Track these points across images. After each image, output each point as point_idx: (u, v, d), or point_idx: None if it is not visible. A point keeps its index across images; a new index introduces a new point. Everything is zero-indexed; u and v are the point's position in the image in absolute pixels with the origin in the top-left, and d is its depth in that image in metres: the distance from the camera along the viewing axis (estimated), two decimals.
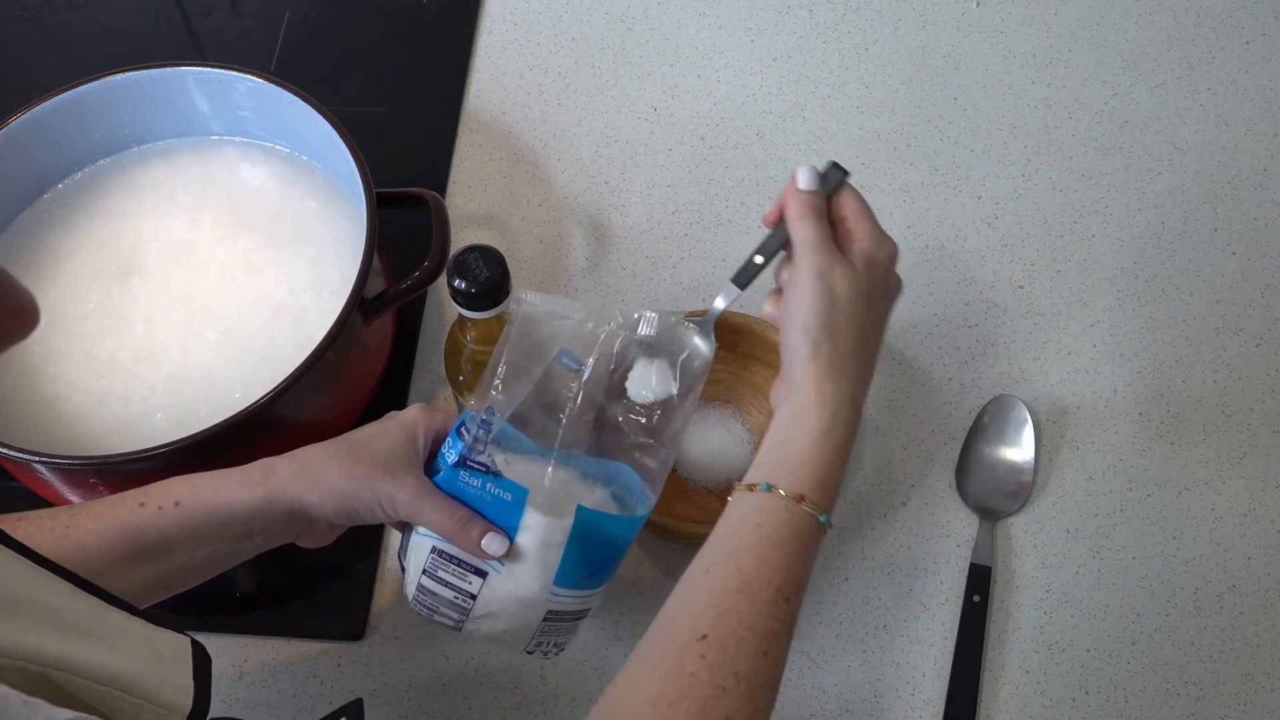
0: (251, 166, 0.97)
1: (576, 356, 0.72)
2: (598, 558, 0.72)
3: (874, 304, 0.71)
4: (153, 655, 0.55)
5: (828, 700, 0.82)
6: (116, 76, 0.93)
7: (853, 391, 0.69)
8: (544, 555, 0.70)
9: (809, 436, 0.68)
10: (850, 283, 0.70)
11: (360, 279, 0.83)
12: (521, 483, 0.69)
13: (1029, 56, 1.09)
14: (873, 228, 0.73)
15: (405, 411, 0.74)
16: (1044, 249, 1.00)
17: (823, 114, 1.07)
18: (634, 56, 1.11)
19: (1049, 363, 0.94)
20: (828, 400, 0.68)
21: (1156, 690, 0.82)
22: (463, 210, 1.03)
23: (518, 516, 0.69)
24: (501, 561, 0.70)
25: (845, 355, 0.69)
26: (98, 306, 0.90)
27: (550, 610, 0.72)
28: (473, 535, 0.69)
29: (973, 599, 0.84)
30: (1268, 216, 1.00)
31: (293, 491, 0.69)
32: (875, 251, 0.72)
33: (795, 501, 0.66)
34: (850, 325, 0.70)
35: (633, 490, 0.73)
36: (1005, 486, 0.89)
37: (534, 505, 0.69)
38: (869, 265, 0.72)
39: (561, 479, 0.71)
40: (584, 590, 0.73)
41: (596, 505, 0.71)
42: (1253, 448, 0.90)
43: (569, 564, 0.70)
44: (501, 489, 0.70)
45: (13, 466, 0.86)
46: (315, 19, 1.15)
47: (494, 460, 0.70)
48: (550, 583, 0.70)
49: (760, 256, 0.76)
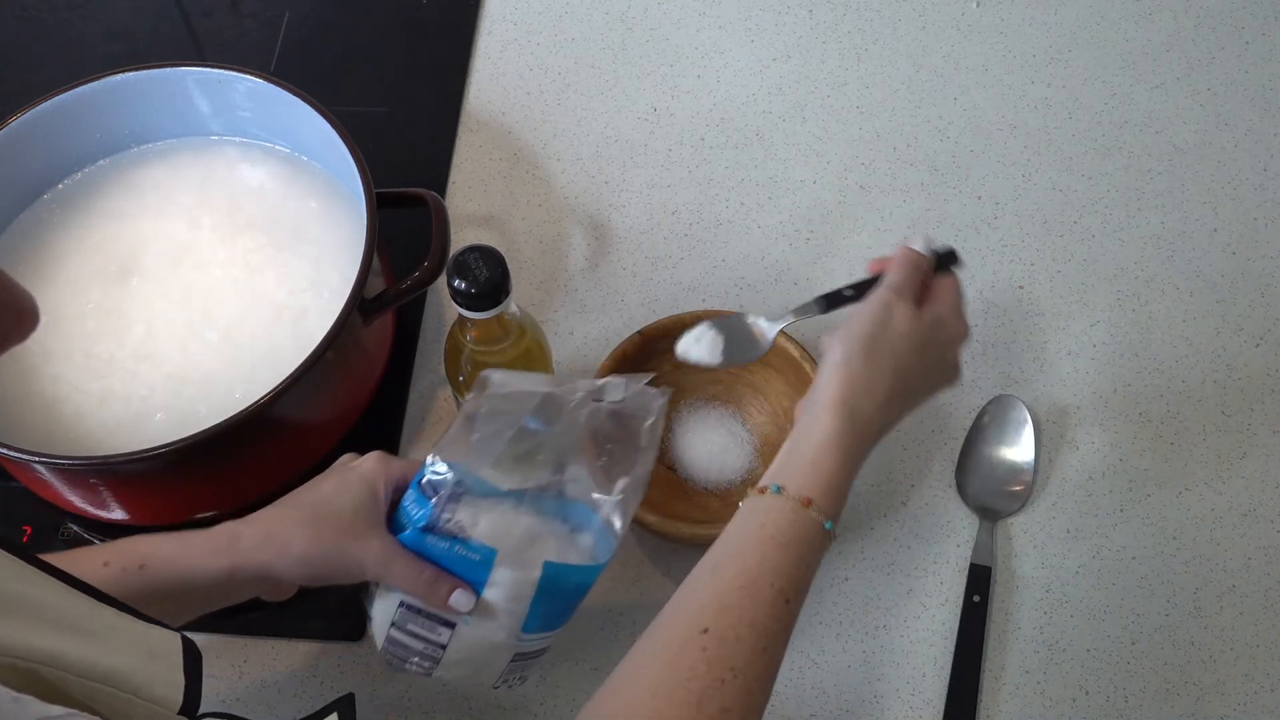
0: (251, 166, 0.97)
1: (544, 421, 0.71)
2: (563, 604, 0.73)
3: (923, 358, 0.72)
4: (144, 652, 0.55)
5: (828, 700, 0.82)
6: (116, 76, 0.93)
7: (872, 414, 0.69)
8: (512, 607, 0.70)
9: (821, 439, 0.68)
10: (908, 323, 0.71)
11: (360, 279, 0.83)
12: (489, 543, 0.69)
13: (1029, 56, 1.09)
14: (956, 303, 0.75)
15: (363, 462, 0.73)
16: (1044, 249, 1.00)
17: (823, 114, 1.07)
18: (634, 56, 1.11)
19: (1049, 363, 0.94)
20: (845, 409, 0.69)
21: (1156, 690, 0.82)
22: (463, 210, 1.03)
23: (485, 574, 0.70)
24: (470, 614, 0.70)
25: (875, 379, 0.70)
26: (98, 307, 0.90)
27: (518, 652, 0.73)
28: (441, 594, 0.69)
29: (973, 599, 0.84)
30: (1268, 216, 1.00)
31: (259, 559, 0.69)
32: (947, 319, 0.74)
33: (802, 505, 0.66)
34: (891, 358, 0.70)
35: (596, 533, 0.73)
36: (1005, 486, 0.89)
37: (502, 564, 0.69)
38: (935, 324, 0.73)
39: (528, 529, 0.70)
40: (550, 632, 0.74)
41: (563, 554, 0.71)
42: (1253, 448, 0.90)
43: (536, 613, 0.71)
44: (470, 551, 0.69)
45: (13, 467, 0.86)
46: (315, 19, 1.15)
47: (461, 523, 0.69)
48: (518, 630, 0.71)
49: (852, 290, 0.77)
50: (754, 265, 1.00)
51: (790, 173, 1.04)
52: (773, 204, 1.03)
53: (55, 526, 0.90)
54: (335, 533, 0.69)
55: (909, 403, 0.72)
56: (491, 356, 0.80)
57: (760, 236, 1.01)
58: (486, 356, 0.80)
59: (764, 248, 1.00)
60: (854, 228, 1.01)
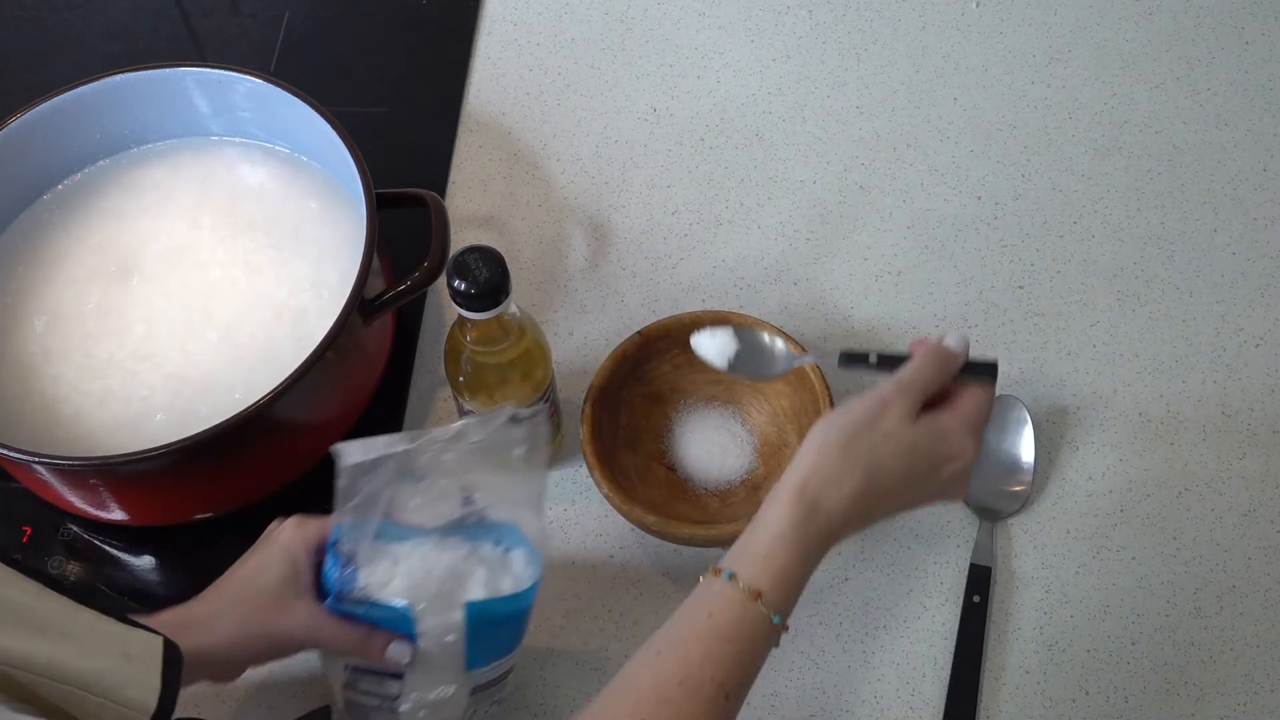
0: (251, 167, 0.97)
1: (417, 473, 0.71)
2: (504, 632, 0.73)
3: (909, 464, 0.68)
4: (120, 654, 0.55)
5: (828, 700, 0.82)
6: (116, 76, 0.93)
7: (834, 510, 0.67)
8: (449, 649, 0.70)
9: (777, 529, 0.66)
10: (899, 425, 0.68)
11: (360, 279, 0.83)
12: (404, 597, 0.69)
13: (1029, 56, 1.09)
14: (973, 419, 0.70)
15: (280, 532, 0.73)
16: (1044, 249, 1.00)
17: (823, 114, 1.07)
18: (634, 56, 1.11)
19: (1049, 363, 0.94)
20: (806, 499, 0.67)
21: (1156, 690, 0.82)
22: (463, 210, 1.03)
23: (410, 626, 0.70)
24: (413, 663, 0.70)
25: (845, 473, 0.67)
26: (97, 307, 0.90)
27: (475, 686, 0.73)
28: (375, 651, 0.70)
29: (973, 599, 0.84)
30: (1268, 216, 1.00)
31: (191, 647, 0.67)
32: (952, 433, 0.69)
33: (751, 597, 0.65)
34: (868, 455, 0.68)
35: (528, 550, 0.73)
36: (1005, 486, 0.89)
37: (421, 615, 0.69)
38: (934, 434, 0.69)
39: (451, 566, 0.70)
40: (503, 659, 0.74)
41: (493, 584, 0.71)
42: (1253, 448, 0.90)
43: (475, 649, 0.71)
44: (385, 611, 0.70)
45: (13, 467, 0.86)
46: (315, 19, 1.15)
47: (369, 586, 0.69)
48: (465, 668, 0.71)
49: (877, 359, 0.75)
50: (754, 265, 1.00)
51: (790, 173, 1.04)
52: (773, 204, 1.03)
53: (55, 527, 0.90)
54: (260, 611, 0.69)
55: (884, 505, 0.69)
56: (491, 356, 0.80)
57: (760, 236, 1.01)
58: (486, 357, 0.80)
59: (764, 248, 1.00)
60: (854, 228, 1.01)
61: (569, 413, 0.92)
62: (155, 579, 0.90)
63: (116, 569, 0.90)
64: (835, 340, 0.95)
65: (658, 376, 0.91)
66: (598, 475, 0.84)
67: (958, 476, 0.70)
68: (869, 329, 0.96)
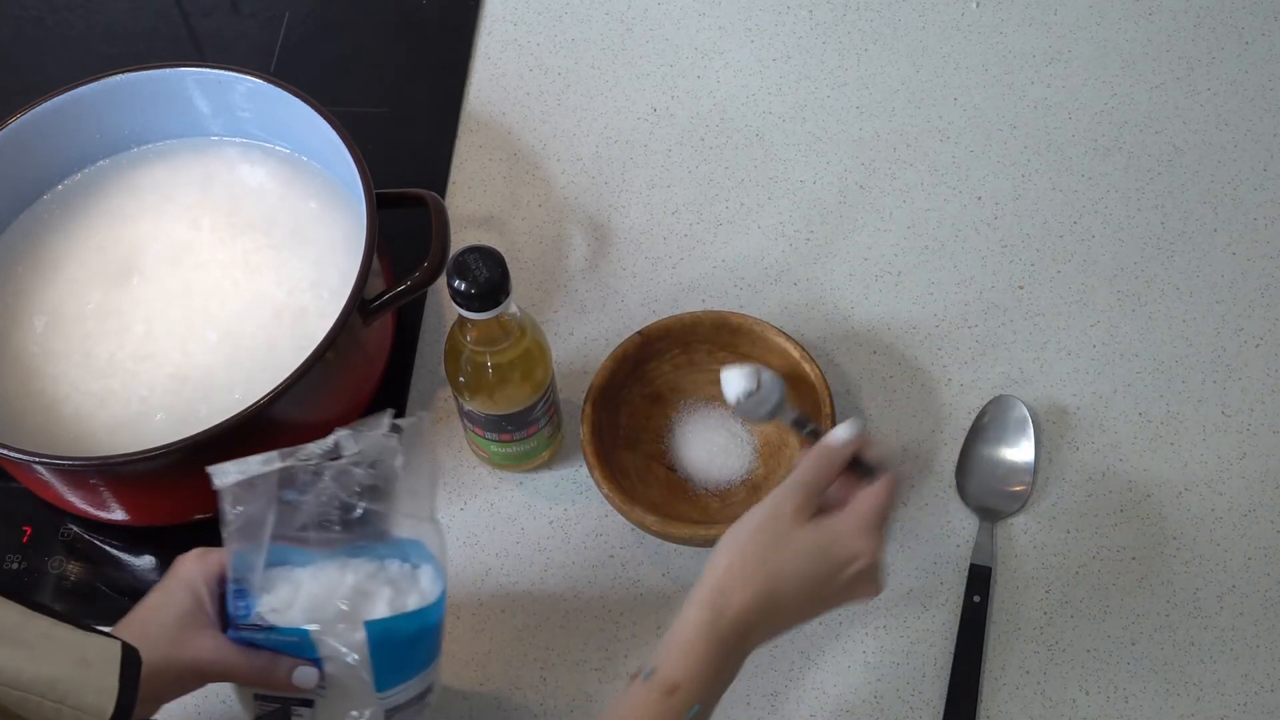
0: (251, 167, 0.97)
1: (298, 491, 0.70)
2: (414, 650, 0.72)
3: (809, 568, 0.70)
4: (77, 659, 0.55)
5: (828, 700, 0.82)
6: (116, 77, 0.93)
7: (741, 613, 0.68)
8: (355, 672, 0.69)
9: (692, 630, 0.68)
10: (790, 527, 0.70)
11: (360, 279, 0.83)
12: (302, 622, 0.69)
13: (1029, 56, 1.09)
14: (868, 519, 0.71)
15: (181, 564, 0.73)
16: (1044, 249, 1.00)
17: (823, 114, 1.07)
18: (634, 56, 1.11)
19: (1049, 363, 0.94)
20: (711, 605, 0.68)
21: (1156, 690, 0.82)
22: (463, 210, 1.03)
23: (313, 650, 0.69)
24: (321, 687, 0.70)
25: (748, 577, 0.69)
26: (98, 307, 0.90)
27: (389, 708, 0.72)
28: (280, 678, 0.69)
29: (973, 599, 0.84)
30: (1268, 216, 1.00)
31: None
32: (844, 535, 0.70)
33: (668, 693, 0.66)
34: (772, 559, 0.69)
35: (430, 565, 0.72)
36: (1005, 486, 0.89)
37: (321, 638, 0.69)
38: (827, 539, 0.70)
39: (355, 586, 0.70)
40: (414, 679, 0.73)
41: (390, 605, 0.70)
42: (1253, 448, 0.90)
43: (383, 669, 0.70)
44: (284, 636, 0.69)
45: (13, 467, 0.86)
46: (315, 19, 1.15)
47: (264, 614, 0.69)
48: (374, 690, 0.70)
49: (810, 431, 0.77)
50: (754, 265, 1.00)
51: (790, 173, 1.04)
52: (773, 204, 1.03)
53: (55, 527, 0.90)
54: (162, 646, 0.68)
55: (791, 607, 0.70)
56: (491, 357, 0.80)
57: (760, 236, 1.01)
58: (486, 357, 0.80)
59: (764, 248, 1.00)
60: (854, 228, 1.01)
61: (569, 413, 0.92)
62: (155, 579, 0.89)
63: (116, 569, 0.90)
64: (835, 340, 0.95)
65: (658, 376, 0.91)
66: (598, 475, 0.84)
67: (863, 576, 0.71)
68: (869, 329, 0.96)
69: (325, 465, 0.69)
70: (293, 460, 0.69)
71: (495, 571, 0.88)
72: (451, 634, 0.85)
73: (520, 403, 0.83)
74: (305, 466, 0.69)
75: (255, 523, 0.69)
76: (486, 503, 0.91)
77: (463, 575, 0.88)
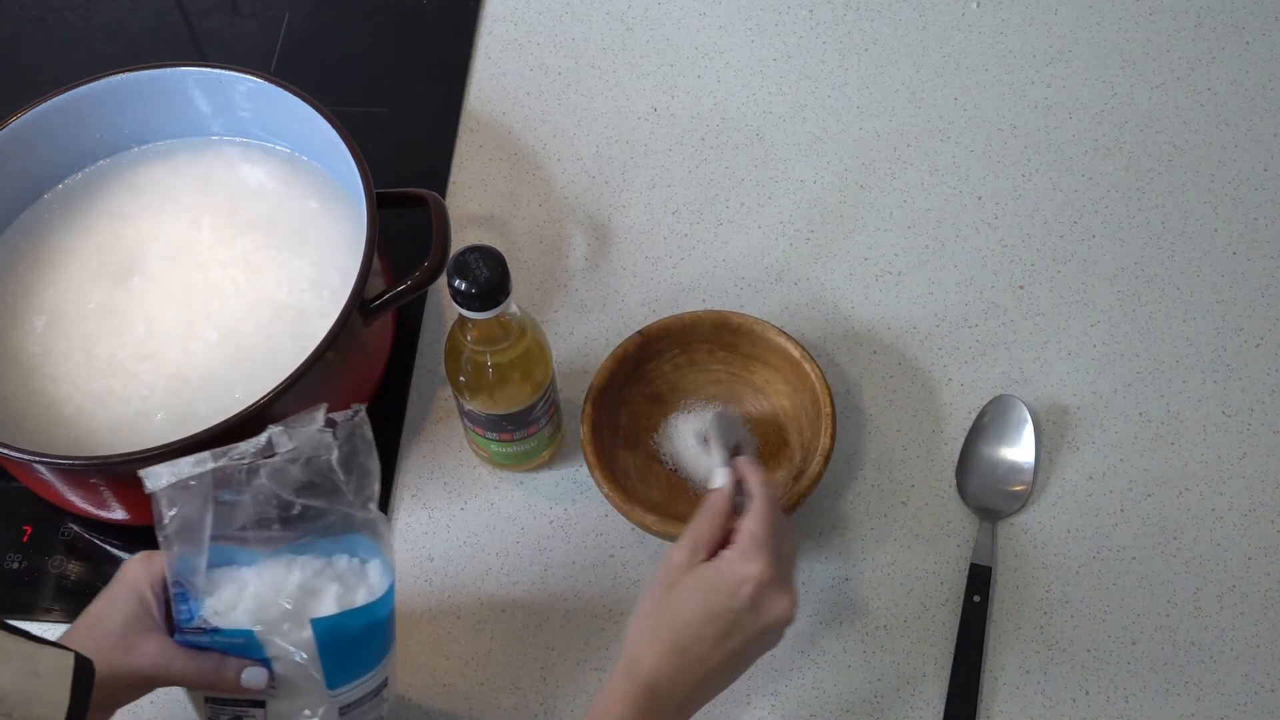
0: (251, 166, 0.97)
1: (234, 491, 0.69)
2: (365, 646, 0.71)
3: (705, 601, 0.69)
4: (29, 671, 0.54)
5: (828, 700, 0.82)
6: (116, 76, 0.93)
7: (657, 664, 0.68)
8: (305, 670, 0.69)
9: (613, 694, 0.68)
10: (680, 572, 0.70)
11: (360, 279, 0.83)
12: (246, 623, 0.68)
13: (1029, 56, 1.09)
14: (746, 546, 0.71)
15: (126, 569, 0.72)
16: (1044, 249, 1.00)
17: (823, 114, 1.07)
18: (634, 56, 1.11)
19: (1049, 363, 0.94)
20: (631, 665, 0.69)
21: (1156, 690, 0.82)
22: (463, 210, 1.03)
23: (261, 650, 0.69)
24: (272, 687, 0.69)
25: (656, 632, 0.69)
26: (98, 307, 0.90)
27: (342, 706, 0.71)
28: (229, 680, 0.68)
29: (973, 599, 0.84)
30: (1268, 216, 1.00)
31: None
32: (729, 565, 0.70)
33: None
34: (673, 607, 0.70)
35: (379, 560, 0.72)
36: (1005, 486, 0.89)
37: (267, 638, 0.68)
38: (714, 572, 0.70)
39: (302, 584, 0.69)
40: (367, 674, 0.72)
41: (338, 602, 0.70)
42: (1253, 448, 0.90)
43: (333, 668, 0.69)
44: (230, 638, 0.68)
45: (13, 467, 0.86)
46: (315, 19, 1.15)
47: (208, 617, 0.68)
48: (326, 689, 0.70)
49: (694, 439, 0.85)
50: (754, 265, 1.00)
51: (790, 173, 1.04)
52: (773, 204, 1.03)
53: (55, 526, 0.90)
54: (107, 652, 0.67)
55: (706, 655, 0.69)
56: (492, 356, 0.80)
57: (760, 236, 1.01)
58: (486, 356, 0.80)
59: (764, 248, 1.00)
60: (854, 228, 1.01)
61: (569, 413, 0.92)
62: None
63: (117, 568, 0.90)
64: (835, 340, 0.95)
65: (658, 376, 0.91)
66: (598, 475, 0.84)
67: (764, 599, 0.70)
68: (869, 329, 0.96)
69: (260, 463, 0.68)
70: (225, 460, 0.68)
71: (495, 571, 0.88)
72: (451, 634, 0.86)
73: (520, 402, 0.83)
74: (239, 466, 0.68)
75: (192, 524, 0.68)
76: (486, 502, 0.91)
77: (463, 575, 0.88)
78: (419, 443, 0.93)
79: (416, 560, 0.88)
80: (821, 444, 0.84)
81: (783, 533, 0.72)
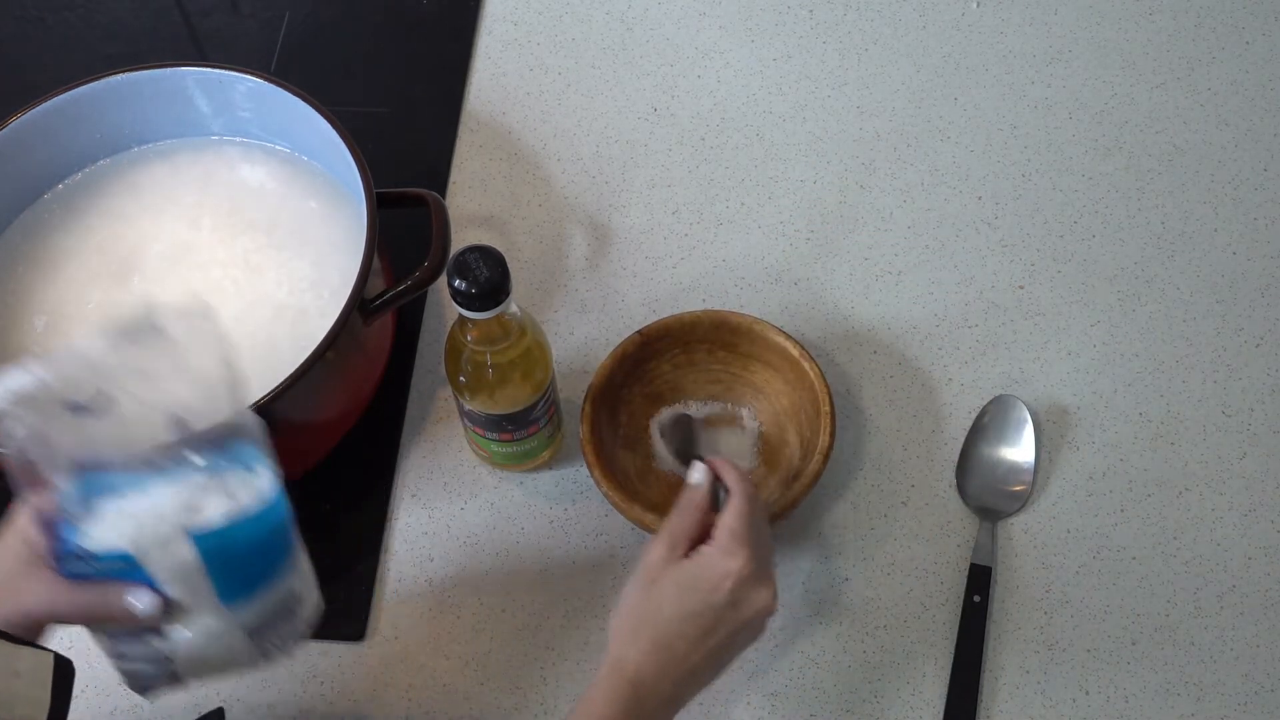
0: (251, 167, 0.97)
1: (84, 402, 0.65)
2: (256, 560, 0.67)
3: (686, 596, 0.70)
4: (8, 671, 0.54)
5: (828, 700, 0.83)
6: (116, 76, 0.93)
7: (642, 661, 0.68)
8: (195, 589, 0.65)
9: (601, 693, 0.68)
10: (660, 569, 0.71)
11: (360, 279, 0.83)
12: (122, 545, 0.63)
13: (1029, 56, 1.09)
14: (725, 540, 0.71)
15: (13, 513, 0.68)
16: (1044, 249, 1.00)
17: (823, 114, 1.07)
18: (634, 56, 1.11)
19: (1049, 363, 0.94)
20: (617, 664, 0.69)
21: (1156, 690, 0.82)
22: (463, 210, 1.03)
23: (142, 572, 0.64)
24: (167, 613, 0.65)
25: (638, 629, 0.70)
26: (98, 307, 0.90)
27: (248, 627, 0.68)
28: (114, 608, 0.64)
29: (973, 599, 0.84)
30: (1268, 216, 1.00)
31: None
32: (709, 560, 0.71)
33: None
34: (655, 604, 0.70)
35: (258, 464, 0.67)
36: (1005, 486, 0.89)
37: (146, 558, 0.64)
38: (694, 568, 0.71)
39: (182, 502, 0.64)
40: (266, 589, 0.68)
41: (223, 516, 0.65)
42: (1253, 448, 0.90)
43: (224, 583, 0.65)
44: (107, 562, 0.63)
45: None
46: (315, 19, 1.15)
47: (82, 541, 0.64)
48: (221, 606, 0.66)
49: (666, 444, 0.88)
50: (754, 265, 1.00)
51: (790, 173, 1.04)
52: (773, 204, 1.03)
53: None
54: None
55: (690, 650, 0.70)
56: (492, 356, 0.80)
57: (760, 236, 1.01)
58: (487, 356, 0.80)
59: (764, 248, 1.01)
60: (854, 228, 1.01)
61: (569, 413, 0.92)
62: None
63: None
64: (835, 340, 0.95)
65: (658, 376, 0.91)
66: (598, 475, 0.84)
67: (746, 593, 0.70)
68: (869, 329, 0.96)
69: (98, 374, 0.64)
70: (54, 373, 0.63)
71: (495, 571, 0.88)
72: (451, 634, 0.86)
73: (520, 402, 0.83)
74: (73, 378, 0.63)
75: (47, 444, 0.63)
76: (486, 502, 0.91)
77: (463, 575, 0.88)
78: (419, 443, 0.93)
79: (416, 560, 0.88)
80: (821, 443, 0.84)
81: (760, 527, 0.73)
